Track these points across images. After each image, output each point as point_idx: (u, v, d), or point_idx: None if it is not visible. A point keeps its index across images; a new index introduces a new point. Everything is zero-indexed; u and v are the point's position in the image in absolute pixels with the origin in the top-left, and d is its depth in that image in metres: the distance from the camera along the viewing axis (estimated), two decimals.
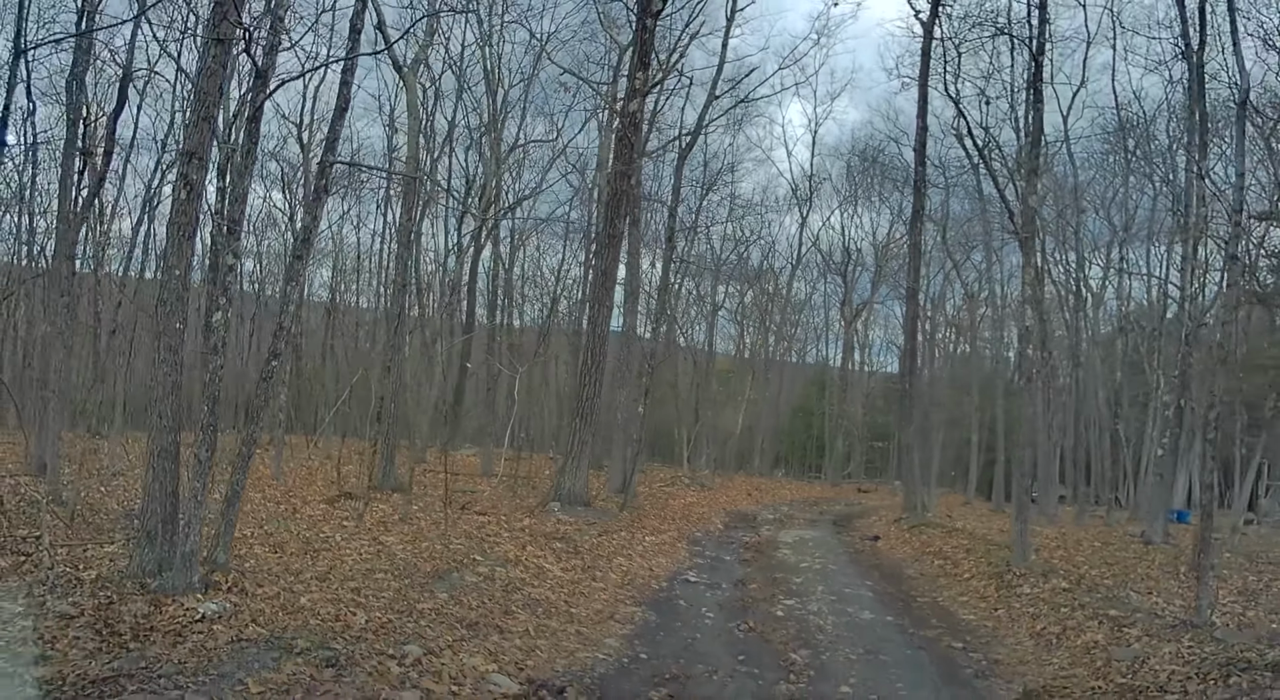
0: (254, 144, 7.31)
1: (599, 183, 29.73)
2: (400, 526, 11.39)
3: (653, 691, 5.82)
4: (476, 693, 5.34)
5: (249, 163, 7.23)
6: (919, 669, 7.05)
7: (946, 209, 29.88)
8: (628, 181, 14.62)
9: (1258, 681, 6.17)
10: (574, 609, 7.97)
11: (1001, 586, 10.33)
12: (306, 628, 5.88)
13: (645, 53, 14.69)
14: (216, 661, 4.98)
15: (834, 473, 42.59)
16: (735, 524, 18.10)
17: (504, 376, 25.23)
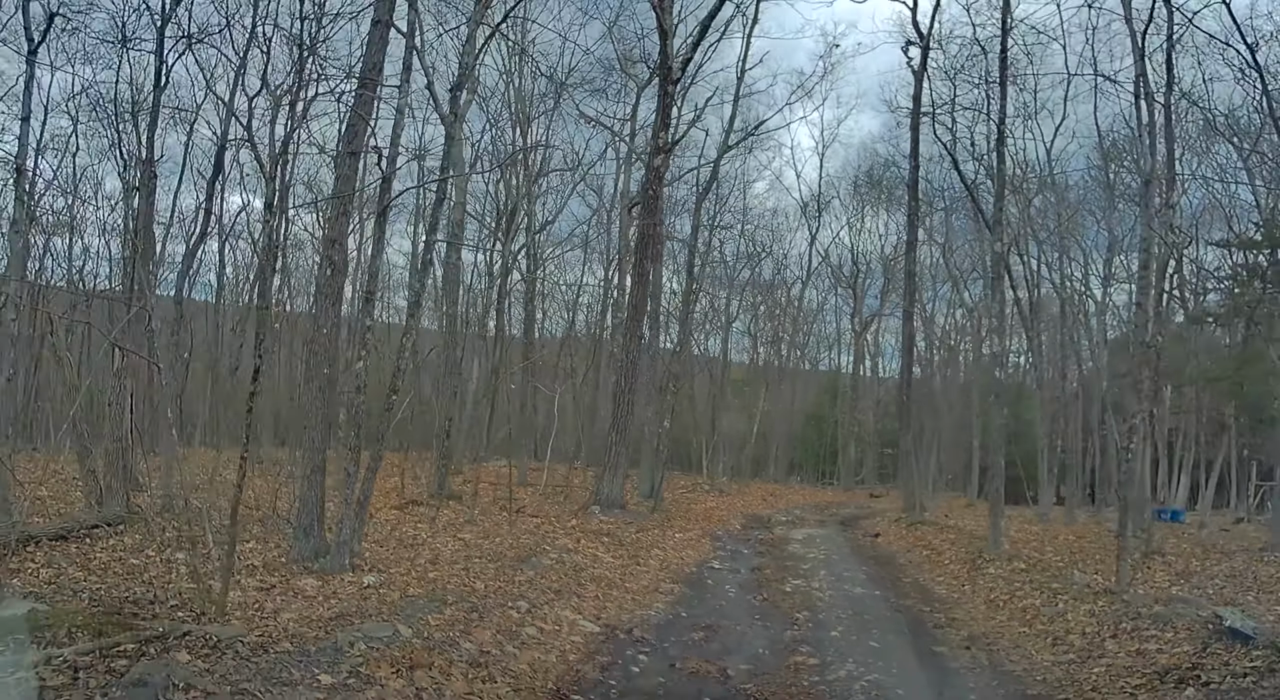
0: (383, 233, 9.79)
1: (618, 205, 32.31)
2: (469, 527, 13.80)
3: (693, 633, 8.22)
4: (572, 631, 7.75)
5: (380, 247, 9.71)
6: (893, 623, 9.40)
7: (948, 227, 32.14)
8: (654, 227, 17.09)
9: (1157, 635, 8.45)
10: (627, 584, 10.39)
11: (972, 569, 12.66)
12: (444, 591, 8.31)
13: (667, 114, 17.16)
14: (398, 609, 7.39)
15: (847, 478, 44.71)
16: (751, 525, 20.46)
17: (536, 393, 27.59)
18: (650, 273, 17.62)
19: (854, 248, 44.35)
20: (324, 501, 9.94)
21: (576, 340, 41.12)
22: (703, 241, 30.77)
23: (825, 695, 6.59)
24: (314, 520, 9.72)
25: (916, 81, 21.05)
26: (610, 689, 6.42)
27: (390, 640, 6.35)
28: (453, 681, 5.95)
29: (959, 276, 32.96)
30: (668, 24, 16.76)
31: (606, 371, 35.57)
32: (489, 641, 6.91)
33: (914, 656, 7.96)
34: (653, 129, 17.79)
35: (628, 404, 16.89)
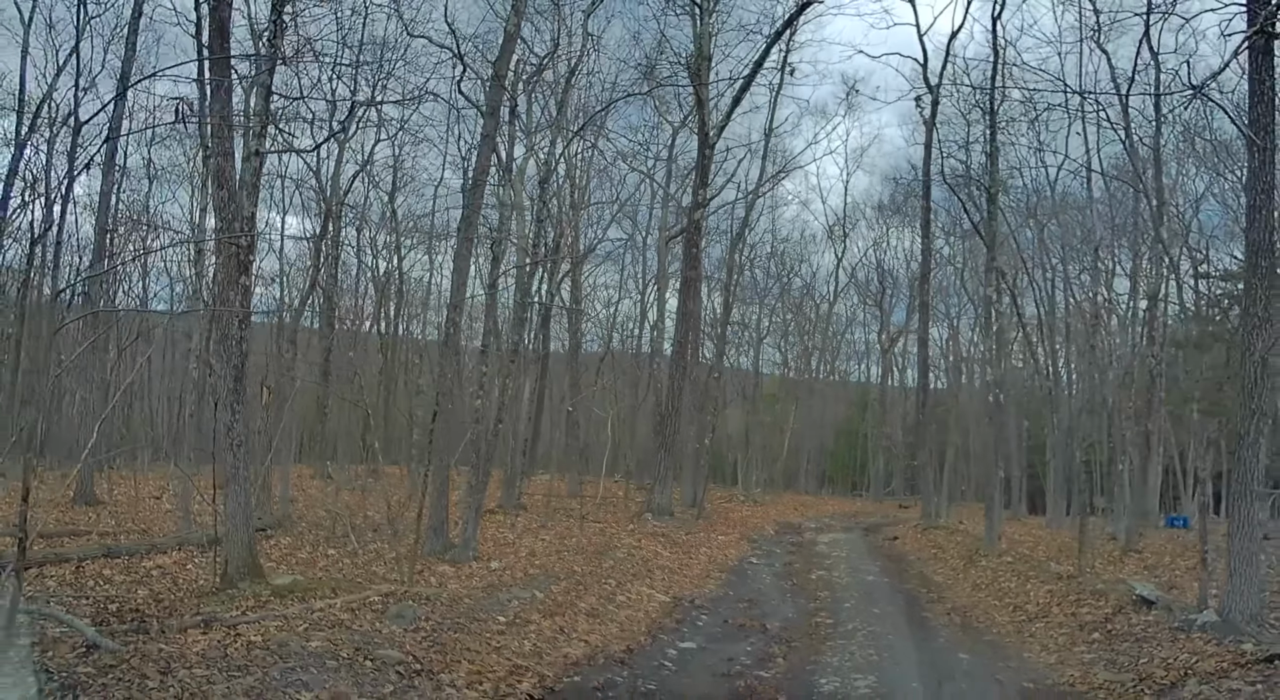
0: (494, 301, 12.87)
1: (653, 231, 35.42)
2: (543, 531, 16.82)
3: (739, 604, 11.18)
4: (649, 600, 10.73)
5: (492, 312, 12.77)
6: (894, 600, 12.29)
7: (965, 253, 34.80)
8: (696, 278, 20.11)
9: (1093, 603, 11.22)
10: (684, 571, 13.37)
11: (968, 563, 15.47)
12: (552, 573, 11.33)
13: (705, 173, 20.19)
14: (525, 583, 10.41)
15: (876, 490, 47.24)
16: (784, 531, 23.34)
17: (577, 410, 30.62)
18: (693, 312, 20.61)
19: (880, 268, 46.95)
20: (449, 508, 13.02)
21: (613, 359, 44.18)
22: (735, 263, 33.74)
23: (835, 637, 9.51)
24: (441, 522, 12.80)
25: (927, 130, 23.91)
26: (684, 633, 9.39)
27: (530, 600, 9.39)
28: (578, 624, 8.96)
29: (977, 300, 35.54)
30: (704, 96, 19.81)
31: (645, 391, 38.63)
32: (594, 603, 9.93)
33: (905, 619, 10.85)
34: (692, 188, 20.83)
35: (674, 425, 19.89)
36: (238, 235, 8.10)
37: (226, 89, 8.87)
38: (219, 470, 8.94)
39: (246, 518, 8.91)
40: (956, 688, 7.61)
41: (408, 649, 6.97)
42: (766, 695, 7.13)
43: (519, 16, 12.68)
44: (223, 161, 8.71)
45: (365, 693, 5.96)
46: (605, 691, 6.95)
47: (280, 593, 8.51)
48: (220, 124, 8.57)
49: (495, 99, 12.50)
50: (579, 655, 7.82)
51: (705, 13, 20.29)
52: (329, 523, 15.41)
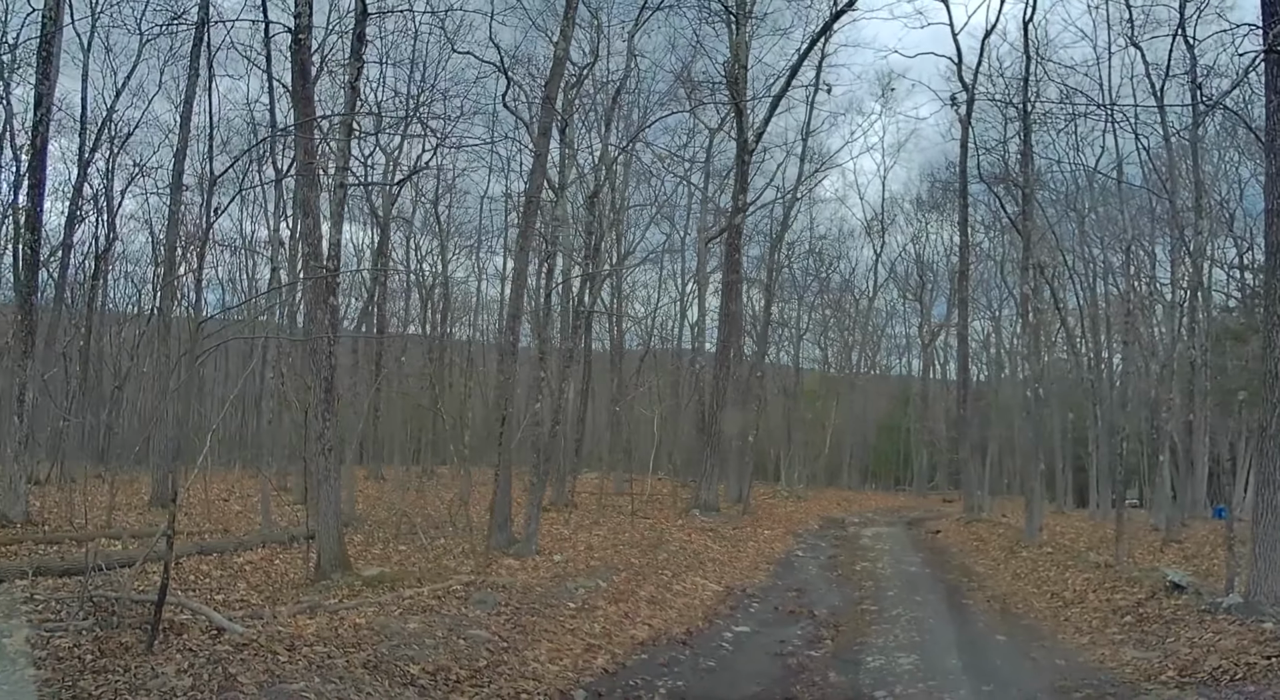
0: (548, 312, 13.74)
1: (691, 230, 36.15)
2: (596, 527, 17.69)
3: (788, 592, 11.93)
4: (703, 589, 11.54)
5: (547, 331, 13.65)
6: (936, 589, 12.95)
7: (1004, 246, 35.04)
8: (737, 281, 20.85)
9: (1127, 589, 11.80)
10: (734, 564, 14.16)
11: (1009, 554, 16.05)
12: (611, 565, 12.18)
13: (744, 180, 20.92)
14: (588, 574, 11.26)
15: (919, 485, 47.49)
16: (827, 525, 24.00)
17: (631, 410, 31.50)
18: (735, 314, 21.35)
19: (919, 262, 47.16)
20: (511, 505, 13.94)
21: (654, 359, 44.95)
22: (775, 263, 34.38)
23: (880, 622, 10.23)
24: (505, 519, 13.71)
25: (963, 129, 24.36)
26: (737, 618, 10.19)
27: (594, 589, 10.24)
28: (640, 610, 9.80)
29: (1018, 294, 35.76)
30: (743, 104, 20.51)
31: (687, 389, 39.38)
32: (654, 592, 10.76)
33: (946, 606, 11.53)
34: (733, 194, 21.57)
35: (718, 424, 20.67)
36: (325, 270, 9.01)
37: (308, 125, 9.82)
38: (310, 472, 9.90)
39: (336, 516, 9.87)
40: (992, 664, 8.30)
41: (493, 630, 7.85)
42: (818, 671, 7.89)
43: (567, 41, 13.53)
44: (307, 192, 9.66)
45: (463, 666, 6.84)
46: (671, 668, 7.76)
47: (370, 583, 9.46)
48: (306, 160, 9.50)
49: (546, 120, 13.36)
50: (644, 637, 8.65)
51: (741, 22, 21.00)
52: (394, 521, 16.44)
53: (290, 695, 5.67)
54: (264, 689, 5.74)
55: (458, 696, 6.25)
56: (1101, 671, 7.86)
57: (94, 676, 5.68)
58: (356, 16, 9.40)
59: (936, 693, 7.30)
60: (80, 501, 17.62)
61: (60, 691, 5.38)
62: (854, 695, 7.30)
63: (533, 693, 6.60)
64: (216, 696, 5.53)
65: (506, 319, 14.23)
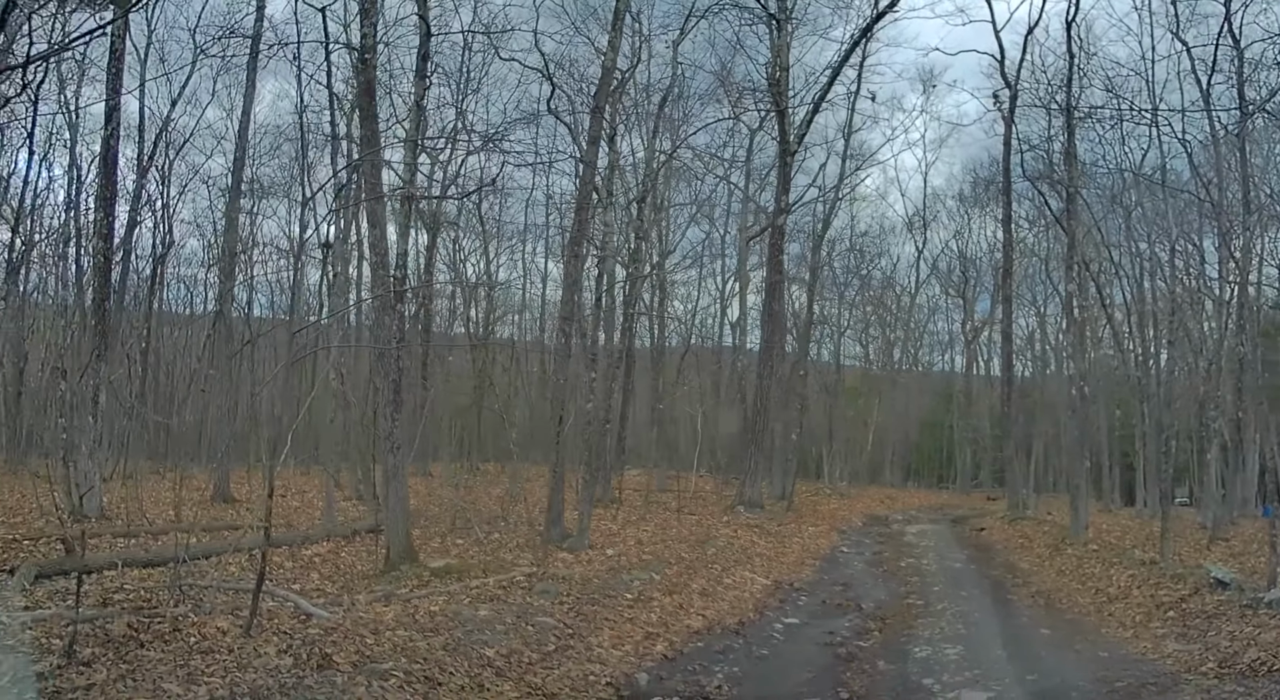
0: (599, 317, 14.25)
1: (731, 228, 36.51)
2: (643, 522, 18.19)
3: (834, 587, 12.33)
4: (752, 583, 11.98)
5: (594, 335, 14.16)
6: (981, 584, 13.26)
7: (1049, 241, 34.85)
8: (779, 281, 21.22)
9: (1171, 586, 12.02)
10: (780, 559, 14.58)
11: (1054, 551, 16.26)
12: (662, 559, 12.67)
13: (786, 180, 21.26)
14: (641, 567, 11.76)
15: (963, 482, 47.34)
16: (871, 523, 24.28)
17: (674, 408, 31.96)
18: (778, 314, 21.71)
19: (962, 258, 46.94)
20: (564, 501, 14.48)
21: (695, 357, 45.34)
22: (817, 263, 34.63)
23: (926, 615, 10.60)
24: (559, 514, 14.26)
25: (1006, 126, 24.43)
26: (787, 611, 10.62)
27: (649, 581, 10.73)
28: (693, 602, 10.27)
29: (1063, 290, 35.58)
30: (785, 107, 20.85)
31: (728, 387, 39.73)
32: (705, 585, 11.23)
33: (991, 601, 11.84)
34: (775, 195, 21.93)
35: (763, 422, 21.07)
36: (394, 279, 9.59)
37: (374, 140, 10.41)
38: (379, 469, 10.52)
39: (405, 510, 10.47)
40: (1036, 655, 8.64)
41: (558, 618, 8.38)
42: (866, 660, 8.31)
43: (615, 52, 14.01)
44: (374, 204, 10.26)
45: (534, 649, 7.37)
46: (726, 655, 8.23)
47: (438, 574, 10.05)
48: (373, 173, 10.09)
49: (596, 129, 13.86)
50: (699, 626, 9.13)
51: (782, 25, 21.31)
52: (449, 516, 17.07)
53: (382, 674, 6.22)
54: (358, 668, 6.31)
55: (532, 677, 6.76)
56: (1143, 663, 8.16)
57: (201, 657, 6.28)
58: (421, 37, 9.97)
59: (983, 681, 7.66)
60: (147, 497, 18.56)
61: (175, 670, 5.98)
62: (902, 683, 7.70)
63: (599, 675, 7.11)
64: (316, 674, 6.11)
65: (559, 322, 14.76)
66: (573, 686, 6.75)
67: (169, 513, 17.24)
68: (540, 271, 38.92)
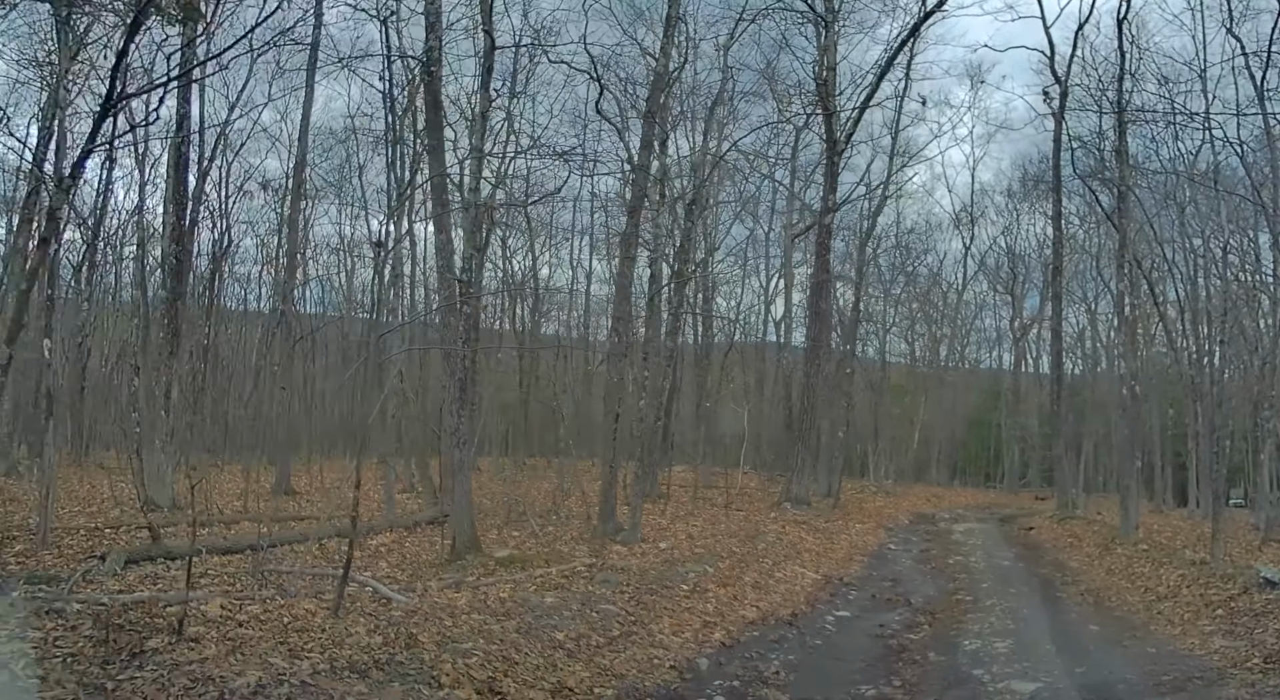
0: (659, 320, 14.71)
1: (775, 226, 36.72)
2: (692, 517, 18.60)
3: (883, 582, 12.66)
4: (802, 577, 12.35)
5: (655, 333, 14.62)
6: (1029, 582, 13.48)
7: (1100, 237, 34.56)
8: (827, 280, 21.49)
9: (1220, 585, 12.14)
10: (829, 555, 14.92)
11: (1103, 550, 16.38)
12: (714, 553, 13.09)
13: (833, 179, 21.50)
14: (695, 560, 12.19)
15: (1011, 481, 47.00)
16: (918, 521, 24.45)
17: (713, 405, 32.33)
18: (825, 312, 22.01)
19: (1010, 255, 46.54)
20: (616, 496, 14.97)
21: (739, 354, 45.63)
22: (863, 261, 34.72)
23: (975, 610, 10.89)
24: (611, 509, 14.75)
25: (1056, 124, 24.37)
26: (837, 604, 11.00)
27: (703, 573, 11.16)
28: (746, 594, 10.69)
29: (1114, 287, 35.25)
30: (832, 106, 21.06)
31: (774, 384, 39.98)
32: (756, 578, 11.63)
33: (1040, 598, 12.08)
34: (822, 194, 22.20)
35: (810, 419, 21.38)
36: (460, 282, 10.12)
37: (440, 149, 10.96)
38: (445, 463, 11.09)
39: (469, 502, 11.02)
40: (1085, 649, 8.92)
41: (620, 606, 8.85)
42: (917, 651, 8.66)
43: (667, 57, 14.43)
44: (440, 210, 10.80)
45: (600, 634, 7.85)
46: (780, 644, 8.63)
47: (502, 563, 10.58)
48: (439, 182, 10.63)
49: (648, 134, 14.28)
50: (753, 617, 9.54)
51: (829, 25, 21.53)
52: (503, 508, 17.66)
53: (464, 652, 6.74)
54: (442, 647, 6.83)
55: (600, 659, 7.24)
56: (1190, 658, 8.40)
57: (298, 635, 6.83)
58: (485, 51, 10.46)
59: (1031, 673, 7.98)
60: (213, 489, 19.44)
61: (276, 646, 6.54)
62: (953, 673, 8.04)
63: (662, 659, 7.56)
64: (405, 651, 6.64)
65: (612, 323, 15.24)
66: (639, 668, 7.21)
67: (234, 504, 18.11)
68: (585, 268, 39.49)
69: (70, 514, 16.03)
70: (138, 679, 5.28)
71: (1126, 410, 18.88)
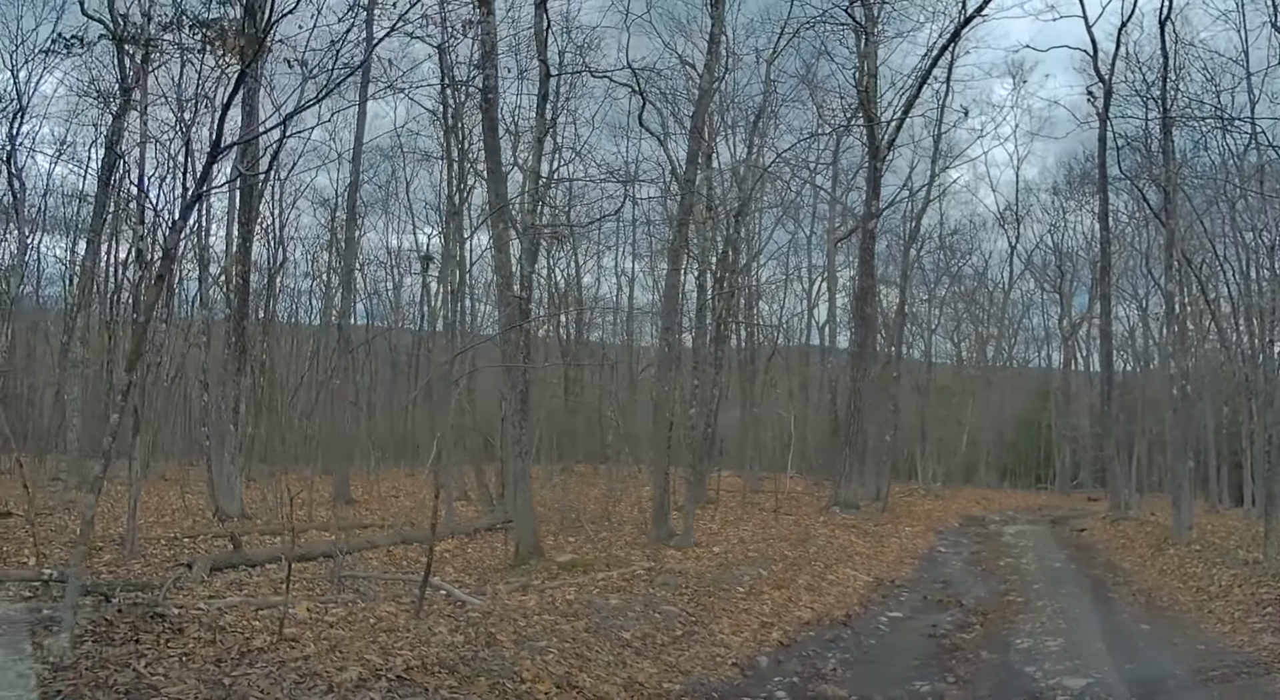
0: (714, 335, 15.17)
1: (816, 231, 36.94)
2: (742, 522, 19.01)
3: (934, 584, 12.97)
4: (854, 580, 12.71)
5: (711, 345, 15.07)
6: (1081, 583, 13.69)
7: (1149, 235, 34.24)
8: (871, 285, 21.78)
9: (1272, 584, 12.25)
10: (879, 558, 15.25)
11: (1156, 551, 16.46)
12: (766, 557, 13.49)
13: (876, 184, 21.79)
14: (749, 563, 12.62)
15: (1062, 482, 46.48)
16: (967, 523, 24.58)
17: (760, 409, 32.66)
18: (870, 317, 22.30)
19: (1058, 249, 46.06)
20: (669, 501, 15.45)
21: (780, 358, 45.82)
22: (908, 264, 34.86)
23: (1026, 611, 11.18)
24: (664, 514, 15.22)
25: (1101, 123, 24.35)
26: (890, 605, 11.35)
27: (757, 576, 11.59)
28: (800, 596, 11.09)
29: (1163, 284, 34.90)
30: (874, 112, 21.38)
31: (817, 389, 40.15)
32: (809, 581, 12.03)
33: (1091, 598, 12.31)
34: (865, 198, 22.48)
35: (859, 423, 21.69)
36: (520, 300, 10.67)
37: (498, 172, 11.54)
38: (501, 471, 11.66)
39: (531, 509, 11.56)
40: (1135, 647, 9.19)
41: (680, 607, 9.32)
42: (970, 650, 9.00)
43: (711, 74, 14.89)
44: (501, 230, 11.37)
45: (664, 633, 8.33)
46: (836, 643, 9.04)
47: (565, 567, 11.11)
48: (498, 202, 11.21)
49: (694, 148, 14.76)
50: (808, 617, 9.95)
51: (870, 32, 21.84)
52: (556, 515, 18.22)
53: (540, 650, 7.27)
54: (519, 645, 7.36)
55: (666, 656, 7.73)
56: (1239, 655, 8.64)
57: (386, 635, 7.40)
58: (541, 78, 11.04)
59: (1082, 669, 8.28)
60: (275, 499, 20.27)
61: (369, 645, 7.11)
62: (1005, 670, 8.38)
63: (724, 657, 8.02)
64: (486, 649, 7.18)
65: (660, 333, 15.73)
66: (703, 665, 7.68)
67: (299, 513, 18.91)
68: (627, 275, 40.06)
69: (147, 524, 16.87)
70: (250, 675, 5.85)
71: (1178, 410, 18.91)
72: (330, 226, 35.72)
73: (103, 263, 27.19)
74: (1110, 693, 7.48)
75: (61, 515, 16.60)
